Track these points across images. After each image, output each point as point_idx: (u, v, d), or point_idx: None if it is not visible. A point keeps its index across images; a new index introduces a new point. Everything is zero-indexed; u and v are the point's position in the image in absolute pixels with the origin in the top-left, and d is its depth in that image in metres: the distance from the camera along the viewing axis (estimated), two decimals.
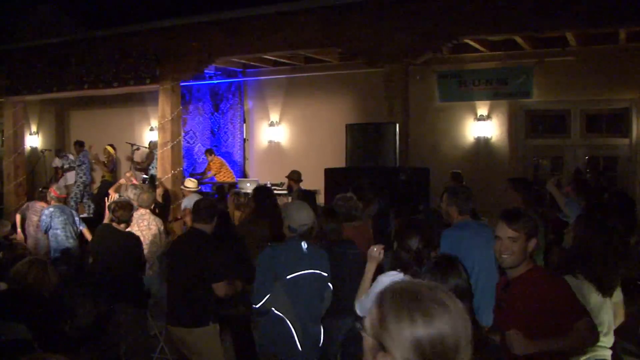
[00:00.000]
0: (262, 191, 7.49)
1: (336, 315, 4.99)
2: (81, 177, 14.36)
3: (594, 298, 3.87)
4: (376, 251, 4.18)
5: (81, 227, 9.13)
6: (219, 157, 14.68)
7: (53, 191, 9.10)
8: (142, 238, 7.06)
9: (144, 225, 7.74)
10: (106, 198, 7.50)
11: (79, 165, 14.45)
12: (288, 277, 4.44)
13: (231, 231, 6.40)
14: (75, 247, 8.81)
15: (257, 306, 4.43)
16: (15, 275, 4.92)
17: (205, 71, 13.69)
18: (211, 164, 14.31)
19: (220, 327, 5.35)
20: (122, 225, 6.42)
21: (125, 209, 6.43)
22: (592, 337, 3.33)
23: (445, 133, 13.10)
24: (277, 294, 4.42)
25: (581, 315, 3.32)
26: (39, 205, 9.73)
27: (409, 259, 3.86)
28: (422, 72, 12.11)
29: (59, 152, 16.48)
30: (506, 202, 6.74)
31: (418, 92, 11.94)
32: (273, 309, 4.45)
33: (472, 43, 11.43)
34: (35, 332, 4.78)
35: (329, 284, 4.70)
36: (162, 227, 8.02)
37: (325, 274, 4.66)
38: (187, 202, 9.20)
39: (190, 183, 10.33)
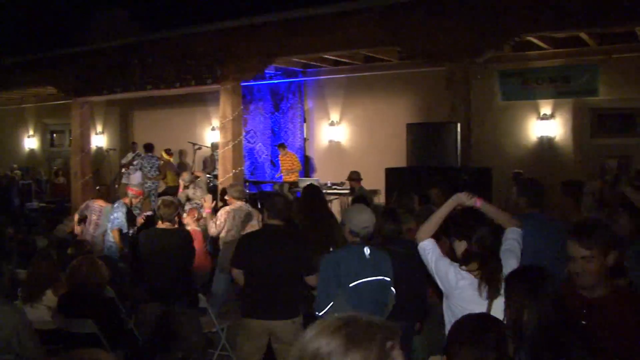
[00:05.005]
0: (310, 190, 7.46)
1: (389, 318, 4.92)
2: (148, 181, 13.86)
3: None
4: (466, 195, 3.94)
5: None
6: (292, 152, 14.57)
7: (130, 189, 9.31)
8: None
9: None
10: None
11: (150, 167, 14.03)
12: (351, 284, 4.35)
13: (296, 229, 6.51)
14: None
15: (321, 314, 4.33)
16: (70, 273, 5.11)
17: (265, 71, 13.79)
18: (281, 158, 14.30)
19: None
20: (167, 224, 6.30)
21: (170, 207, 6.36)
22: None
23: (507, 132, 12.90)
24: (338, 301, 4.33)
25: None
26: (97, 204, 9.67)
27: (481, 252, 3.65)
28: (483, 71, 11.92)
29: (135, 145, 16.46)
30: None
31: (479, 91, 11.74)
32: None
33: (534, 40, 11.20)
34: (101, 327, 4.95)
35: (392, 288, 4.57)
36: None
37: (389, 279, 4.54)
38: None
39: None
